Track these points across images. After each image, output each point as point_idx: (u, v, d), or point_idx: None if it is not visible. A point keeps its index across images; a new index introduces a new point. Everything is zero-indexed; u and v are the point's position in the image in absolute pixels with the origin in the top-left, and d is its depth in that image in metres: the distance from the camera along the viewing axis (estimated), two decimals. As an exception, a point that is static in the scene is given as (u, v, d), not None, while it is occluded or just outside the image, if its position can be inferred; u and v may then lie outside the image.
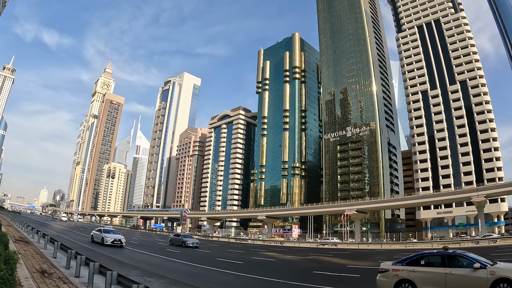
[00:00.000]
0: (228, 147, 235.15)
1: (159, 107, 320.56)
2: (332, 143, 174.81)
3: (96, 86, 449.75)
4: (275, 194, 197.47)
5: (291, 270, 30.45)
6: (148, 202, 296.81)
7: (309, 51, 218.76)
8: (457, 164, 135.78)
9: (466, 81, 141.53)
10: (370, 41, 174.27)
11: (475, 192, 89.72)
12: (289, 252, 51.28)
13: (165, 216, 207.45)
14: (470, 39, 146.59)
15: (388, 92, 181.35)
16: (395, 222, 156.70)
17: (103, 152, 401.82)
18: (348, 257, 43.93)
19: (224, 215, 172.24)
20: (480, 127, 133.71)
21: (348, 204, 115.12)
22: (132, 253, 37.03)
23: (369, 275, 25.36)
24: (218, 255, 40.37)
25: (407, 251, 55.29)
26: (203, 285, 18.55)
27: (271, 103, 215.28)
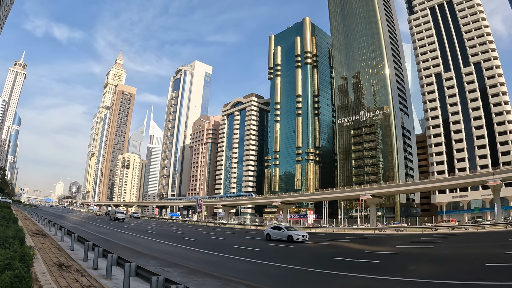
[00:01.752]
0: (241, 134, 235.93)
1: (171, 96, 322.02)
2: (345, 127, 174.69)
3: (107, 78, 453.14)
4: (289, 180, 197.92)
5: (309, 256, 30.30)
6: (163, 191, 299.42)
7: (320, 35, 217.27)
8: (472, 148, 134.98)
9: (480, 63, 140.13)
10: (381, 24, 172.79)
11: (490, 175, 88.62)
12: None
13: (181, 205, 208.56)
14: (484, 20, 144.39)
15: (401, 75, 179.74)
16: (410, 206, 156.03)
17: (117, 143, 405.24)
18: (365, 242, 43.71)
19: (239, 201, 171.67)
20: (495, 110, 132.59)
21: (363, 189, 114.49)
22: (149, 242, 37.06)
23: (388, 260, 26.22)
24: (235, 243, 40.15)
25: (424, 235, 55.95)
26: (222, 274, 18.57)
27: (284, 88, 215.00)
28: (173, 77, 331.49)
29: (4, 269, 8.36)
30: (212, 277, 17.36)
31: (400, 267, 22.13)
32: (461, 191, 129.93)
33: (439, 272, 19.60)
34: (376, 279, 17.64)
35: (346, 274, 19.08)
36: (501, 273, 18.21)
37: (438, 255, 28.51)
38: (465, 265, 22.47)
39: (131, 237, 41.63)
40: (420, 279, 17.11)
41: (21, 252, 10.82)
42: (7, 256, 9.58)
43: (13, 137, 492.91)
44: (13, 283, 7.85)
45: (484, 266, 20.72)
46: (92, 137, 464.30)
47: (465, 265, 22.49)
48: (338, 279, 18.07)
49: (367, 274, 18.75)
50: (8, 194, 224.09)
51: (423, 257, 27.53)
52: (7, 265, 8.74)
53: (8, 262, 8.98)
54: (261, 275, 19.72)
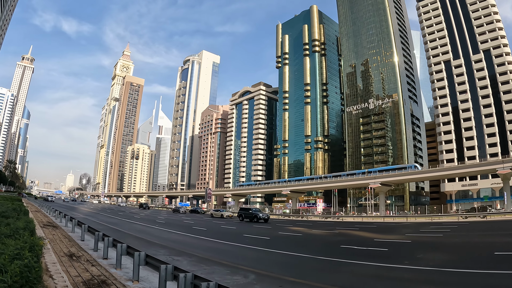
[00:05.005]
0: (250, 123, 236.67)
1: (180, 87, 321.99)
2: (354, 115, 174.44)
3: (115, 70, 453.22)
4: (298, 169, 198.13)
5: (319, 244, 30.21)
6: (173, 181, 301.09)
7: (328, 23, 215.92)
8: (482, 136, 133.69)
9: (489, 50, 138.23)
10: (390, 11, 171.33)
11: (500, 164, 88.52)
12: (315, 227, 50.44)
13: (190, 194, 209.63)
14: (493, 7, 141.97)
15: (410, 63, 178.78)
16: (420, 194, 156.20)
17: (126, 134, 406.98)
18: (374, 230, 43.48)
19: (249, 190, 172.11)
20: (505, 97, 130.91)
21: (372, 177, 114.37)
22: (159, 232, 37.03)
23: (397, 248, 25.97)
24: (244, 231, 39.89)
25: (433, 224, 55.73)
26: (231, 262, 18.54)
27: (292, 77, 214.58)
28: (180, 67, 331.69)
29: (13, 259, 8.35)
30: (221, 265, 17.41)
31: (409, 255, 22.00)
32: (470, 180, 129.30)
33: (448, 260, 19.58)
34: (385, 267, 17.67)
35: (355, 262, 18.91)
36: (508, 263, 17.95)
37: (447, 243, 28.29)
38: (474, 253, 22.31)
39: (141, 227, 41.77)
40: (429, 267, 16.96)
41: (31, 242, 10.84)
42: (17, 246, 9.69)
43: (22, 131, 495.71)
44: (22, 273, 7.84)
45: (493, 254, 20.61)
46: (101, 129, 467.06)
47: (474, 253, 22.33)
48: (347, 267, 18.06)
49: (376, 262, 18.80)
50: (19, 187, 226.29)
51: (432, 245, 27.30)
52: (16, 255, 8.75)
53: (18, 252, 9.03)
54: (270, 263, 19.72)
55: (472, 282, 14.25)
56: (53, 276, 12.18)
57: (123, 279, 13.38)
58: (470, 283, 14.13)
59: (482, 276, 15.16)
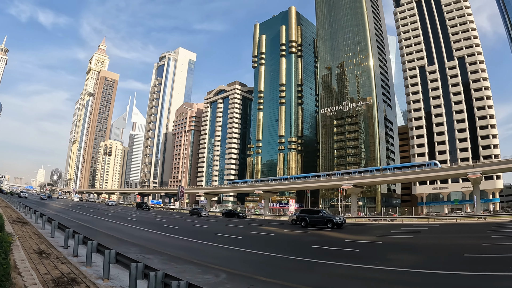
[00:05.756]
0: (224, 122, 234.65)
1: (155, 83, 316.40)
2: (328, 117, 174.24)
3: (90, 64, 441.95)
4: (271, 169, 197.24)
5: (290, 244, 30.38)
6: (145, 179, 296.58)
7: (305, 25, 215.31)
8: (453, 141, 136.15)
9: (464, 57, 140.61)
10: (367, 15, 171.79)
11: (471, 168, 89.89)
12: (287, 227, 50.79)
13: (163, 192, 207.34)
14: (469, 15, 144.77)
15: (385, 67, 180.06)
16: (391, 197, 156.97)
17: (99, 129, 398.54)
18: (346, 231, 43.45)
19: (221, 190, 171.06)
20: (477, 104, 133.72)
21: (344, 179, 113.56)
22: (131, 229, 37.05)
23: (368, 249, 26.09)
24: (216, 230, 40.21)
25: (404, 225, 56.35)
26: (202, 261, 18.56)
27: (267, 77, 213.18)
28: (156, 63, 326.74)
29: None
30: (192, 264, 17.58)
31: (380, 256, 22.41)
32: (441, 183, 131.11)
33: (418, 261, 20.25)
34: (356, 267, 18.03)
35: (326, 262, 19.22)
36: (479, 264, 18.46)
37: (417, 245, 29.15)
38: (444, 255, 22.78)
39: (113, 224, 42.03)
40: (400, 268, 17.30)
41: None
42: (-16, 242, 9.06)
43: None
44: (-11, 269, 7.43)
45: (462, 256, 20.89)
46: (74, 124, 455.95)
47: (443, 255, 22.79)
48: (318, 267, 18.23)
49: (347, 262, 19.23)
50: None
51: (402, 246, 27.99)
52: (-17, 251, 8.10)
53: (-15, 248, 8.40)
54: (242, 262, 20.03)
55: (442, 283, 14.52)
56: (22, 274, 12.12)
57: (93, 277, 13.33)
58: (440, 284, 14.41)
59: (452, 277, 15.43)
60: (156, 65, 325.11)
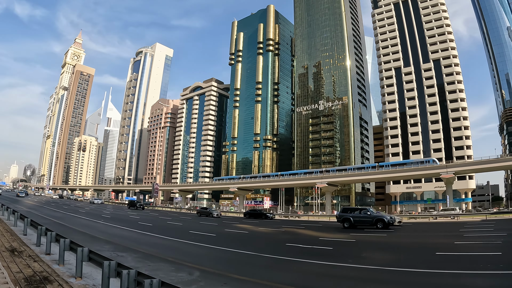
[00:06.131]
0: (200, 119, 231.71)
1: (131, 78, 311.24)
2: (304, 116, 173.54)
3: (66, 57, 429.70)
4: (246, 166, 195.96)
5: (264, 242, 30.58)
6: (120, 175, 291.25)
7: (283, 23, 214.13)
8: (427, 141, 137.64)
9: (439, 60, 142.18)
10: (345, 16, 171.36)
11: (444, 168, 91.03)
12: (262, 224, 50.71)
13: (137, 189, 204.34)
14: (446, 19, 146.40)
15: (361, 68, 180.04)
16: (365, 195, 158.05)
17: (74, 125, 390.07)
18: (320, 229, 43.72)
19: (196, 187, 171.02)
20: (452, 106, 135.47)
21: (319, 177, 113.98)
22: (104, 227, 36.88)
23: (341, 247, 26.28)
24: (190, 228, 40.39)
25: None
26: (176, 259, 18.68)
27: (244, 75, 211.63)
28: (133, 59, 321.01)
29: None
30: (166, 262, 17.66)
31: (354, 254, 22.60)
32: (415, 182, 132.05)
33: (391, 259, 20.38)
34: (329, 265, 18.02)
35: (300, 260, 19.38)
36: (451, 262, 18.56)
37: (390, 243, 29.28)
38: (417, 253, 22.98)
39: (86, 222, 41.83)
40: (373, 266, 17.41)
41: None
42: None
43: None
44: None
45: (434, 255, 21.09)
46: (48, 119, 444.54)
47: (416, 253, 23.01)
48: (292, 265, 18.32)
49: (321, 260, 19.09)
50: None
51: (376, 245, 28.04)
52: None
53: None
54: (216, 260, 20.01)
55: (414, 281, 14.66)
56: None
57: (66, 276, 13.19)
58: (412, 282, 14.54)
59: (424, 275, 15.58)
60: (133, 60, 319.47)
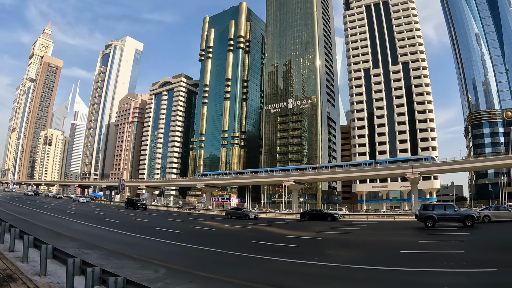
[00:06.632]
0: (168, 115, 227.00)
1: (99, 72, 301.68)
2: (272, 114, 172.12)
3: (34, 48, 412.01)
4: (214, 163, 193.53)
5: (230, 239, 30.46)
6: (86, 170, 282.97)
7: (255, 21, 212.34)
8: (394, 142, 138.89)
9: (408, 63, 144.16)
10: (317, 16, 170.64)
11: (410, 168, 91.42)
12: (228, 222, 50.40)
13: (104, 185, 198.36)
14: (416, 23, 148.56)
15: (331, 68, 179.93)
16: (332, 194, 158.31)
17: (40, 118, 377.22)
18: (286, 227, 43.72)
19: (163, 183, 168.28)
20: (418, 108, 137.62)
21: (286, 175, 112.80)
22: (70, 223, 36.02)
23: (308, 245, 26.16)
24: (157, 225, 39.58)
25: (343, 222, 56.07)
26: (142, 256, 18.53)
27: (214, 71, 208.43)
28: (102, 51, 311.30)
29: None
30: (132, 259, 17.50)
31: (319, 252, 22.59)
32: (381, 182, 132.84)
33: (356, 257, 20.49)
34: (295, 263, 17.96)
35: (266, 258, 19.38)
36: (414, 260, 18.72)
37: (356, 241, 29.57)
38: (381, 251, 23.14)
39: (51, 218, 40.80)
40: (338, 264, 17.57)
41: None
42: None
43: None
44: None
45: (399, 252, 21.43)
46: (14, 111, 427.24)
47: (381, 251, 23.14)
48: (258, 262, 18.35)
49: (287, 258, 19.30)
50: None
51: (341, 243, 28.30)
52: None
53: None
54: (182, 257, 19.91)
55: (379, 279, 14.69)
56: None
57: (30, 273, 12.93)
58: (377, 279, 14.55)
59: (388, 272, 15.65)
60: (102, 53, 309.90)
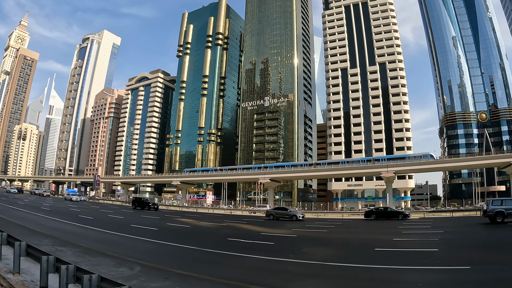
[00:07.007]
0: (144, 111, 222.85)
1: (76, 66, 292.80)
2: (249, 111, 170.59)
3: (9, 40, 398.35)
4: (190, 160, 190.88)
5: (205, 236, 30.09)
6: (61, 166, 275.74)
7: (234, 18, 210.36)
8: (369, 141, 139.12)
9: (385, 63, 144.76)
10: (296, 15, 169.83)
11: (385, 168, 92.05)
12: (204, 219, 49.75)
13: (78, 181, 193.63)
14: (394, 25, 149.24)
15: (308, 66, 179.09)
16: (307, 192, 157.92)
17: (14, 112, 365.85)
18: (262, 224, 42.96)
19: (139, 179, 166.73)
20: (394, 108, 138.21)
21: (262, 173, 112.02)
22: (44, 220, 34.48)
23: (283, 242, 25.91)
24: (132, 221, 38.65)
25: (318, 220, 56.67)
26: (117, 253, 18.20)
27: (191, 67, 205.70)
28: (79, 45, 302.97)
29: None
30: (107, 257, 17.08)
31: (294, 249, 22.39)
32: (356, 180, 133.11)
33: (332, 255, 20.51)
34: (270, 260, 17.85)
35: (242, 255, 19.09)
36: (388, 258, 18.70)
37: (331, 239, 29.38)
38: (356, 249, 23.24)
39: (25, 214, 39.18)
40: (313, 261, 17.26)
41: None
42: None
43: None
44: None
45: (373, 250, 21.24)
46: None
47: (356, 249, 23.26)
48: (233, 260, 18.01)
49: (262, 255, 19.03)
50: None
51: (317, 240, 28.05)
52: None
53: None
54: (157, 254, 19.38)
55: (353, 276, 14.58)
56: None
57: (3, 271, 12.66)
58: (351, 277, 14.44)
59: (363, 270, 15.64)
60: (79, 47, 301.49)
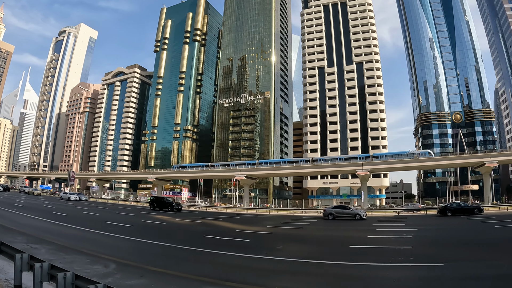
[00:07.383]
0: (120, 106, 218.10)
1: (51, 59, 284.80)
2: (225, 108, 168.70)
3: None
4: (166, 156, 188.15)
5: (181, 233, 29.90)
6: (35, 161, 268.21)
7: (213, 14, 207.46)
8: (345, 139, 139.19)
9: (362, 63, 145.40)
10: (275, 13, 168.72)
11: (360, 166, 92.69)
12: (180, 216, 48.20)
13: (53, 177, 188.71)
14: (372, 25, 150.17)
15: (286, 64, 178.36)
16: (283, 189, 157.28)
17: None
18: (237, 221, 42.98)
19: (114, 176, 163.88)
20: (370, 107, 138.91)
21: (238, 170, 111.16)
22: (18, 217, 33.87)
23: (258, 239, 25.88)
24: (107, 218, 38.07)
25: (294, 217, 56.30)
26: (92, 251, 17.87)
27: (168, 63, 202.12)
28: (55, 38, 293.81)
29: None
30: (82, 254, 16.76)
31: (270, 246, 22.35)
32: (331, 178, 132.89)
33: (307, 252, 20.11)
34: (245, 257, 17.60)
35: (217, 252, 18.94)
36: (361, 255, 18.60)
37: (306, 236, 29.48)
38: (331, 246, 23.18)
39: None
40: (288, 258, 17.31)
41: None
42: None
43: None
44: None
45: (348, 247, 21.45)
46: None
47: (330, 246, 23.24)
48: (209, 257, 17.73)
49: (237, 252, 18.90)
50: None
51: (292, 237, 28.14)
52: None
53: None
54: (133, 251, 19.38)
55: (328, 272, 14.68)
56: None
57: None
58: (326, 273, 14.54)
59: (337, 266, 15.61)
60: (55, 40, 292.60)
